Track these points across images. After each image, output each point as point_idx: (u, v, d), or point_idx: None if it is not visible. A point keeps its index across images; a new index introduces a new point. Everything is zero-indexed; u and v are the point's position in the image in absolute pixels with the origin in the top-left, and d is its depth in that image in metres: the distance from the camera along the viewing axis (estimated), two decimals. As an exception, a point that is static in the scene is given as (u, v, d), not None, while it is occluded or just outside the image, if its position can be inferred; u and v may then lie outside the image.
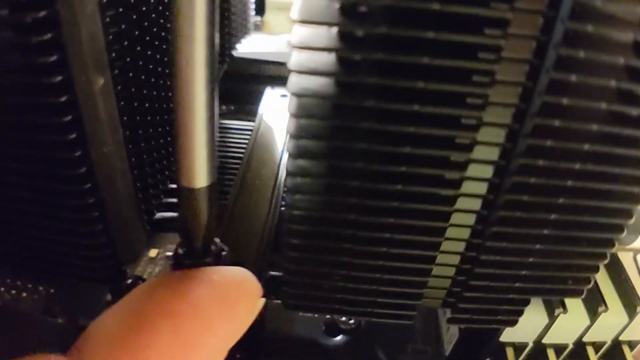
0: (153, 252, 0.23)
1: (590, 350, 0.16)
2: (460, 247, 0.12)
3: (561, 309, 0.15)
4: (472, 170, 0.11)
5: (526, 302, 0.13)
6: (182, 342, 0.09)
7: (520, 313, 0.13)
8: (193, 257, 0.11)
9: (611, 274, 0.16)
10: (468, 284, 0.12)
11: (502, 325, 0.14)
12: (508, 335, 0.15)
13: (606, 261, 0.12)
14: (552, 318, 0.15)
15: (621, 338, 0.16)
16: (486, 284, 0.12)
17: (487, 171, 0.11)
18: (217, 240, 0.12)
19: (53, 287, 0.21)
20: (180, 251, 0.11)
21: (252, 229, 0.19)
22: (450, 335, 0.19)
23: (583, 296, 0.13)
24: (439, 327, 0.21)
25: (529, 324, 0.15)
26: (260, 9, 0.31)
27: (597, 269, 0.12)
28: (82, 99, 0.10)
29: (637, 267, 0.15)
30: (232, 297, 0.11)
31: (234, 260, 0.13)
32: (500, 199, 0.11)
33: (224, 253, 0.12)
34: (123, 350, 0.09)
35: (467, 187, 0.11)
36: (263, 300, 0.12)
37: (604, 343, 0.16)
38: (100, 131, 0.11)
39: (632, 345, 0.16)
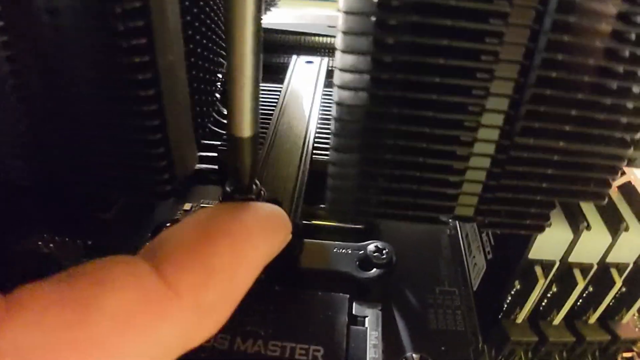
0: (187, 205, 0.25)
1: (614, 272, 0.18)
2: (491, 149, 0.14)
3: (585, 224, 0.16)
4: (499, 70, 0.13)
5: (552, 205, 0.15)
6: (236, 255, 0.12)
7: (546, 217, 0.15)
8: (240, 193, 0.14)
9: (628, 198, 0.18)
10: (498, 183, 0.14)
11: (530, 230, 0.15)
12: (535, 253, 0.17)
13: (624, 164, 0.14)
14: (577, 234, 0.16)
15: (642, 262, 0.18)
16: (515, 184, 0.14)
17: (513, 70, 0.13)
18: (257, 182, 0.15)
19: (90, 240, 0.23)
20: (228, 189, 0.14)
21: (286, 174, 0.21)
22: (478, 269, 0.21)
23: (604, 202, 0.15)
24: (465, 269, 0.23)
25: (555, 241, 0.17)
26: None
27: (616, 171, 0.14)
28: (153, 5, 0.12)
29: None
30: (271, 225, 0.14)
31: (271, 198, 0.17)
32: (526, 95, 0.13)
33: (262, 192, 0.15)
34: (192, 255, 0.12)
35: (495, 86, 0.13)
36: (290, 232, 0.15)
37: (627, 266, 0.18)
38: (168, 39, 0.13)
39: (653, 269, 0.18)
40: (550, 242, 0.17)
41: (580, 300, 0.19)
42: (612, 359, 0.20)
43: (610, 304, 0.19)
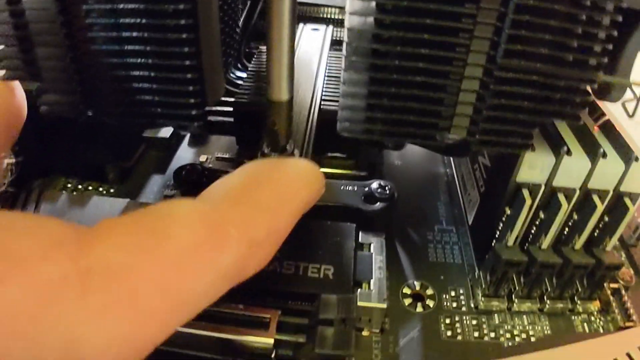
0: (203, 157, 0.29)
1: (596, 198, 0.21)
2: (479, 72, 0.18)
3: (565, 148, 0.20)
4: (485, 1, 0.16)
5: (534, 125, 0.18)
6: (280, 199, 0.16)
7: (530, 136, 0.19)
8: (277, 152, 0.18)
9: (607, 134, 0.22)
10: (486, 104, 0.18)
11: (516, 148, 0.19)
12: (522, 176, 0.21)
13: (595, 85, 0.18)
14: (559, 157, 0.20)
15: (622, 189, 0.21)
16: (500, 102, 0.18)
17: (497, 1, 0.16)
18: (291, 141, 0.19)
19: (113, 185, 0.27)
20: (265, 150, 0.18)
21: (296, 125, 0.25)
22: (472, 204, 0.24)
23: (580, 121, 0.18)
24: (461, 210, 0.26)
25: (539, 165, 0.20)
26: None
27: (587, 93, 0.18)
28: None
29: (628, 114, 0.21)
30: (308, 177, 0.17)
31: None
32: (507, 22, 0.17)
33: (296, 151, 0.18)
34: (243, 198, 0.15)
35: (481, 15, 0.17)
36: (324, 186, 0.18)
37: (607, 193, 0.21)
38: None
39: (632, 197, 0.21)
40: (534, 166, 0.20)
41: (567, 229, 0.22)
42: (600, 286, 0.23)
43: (595, 233, 0.22)
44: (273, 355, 0.19)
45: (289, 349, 0.20)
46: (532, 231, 0.22)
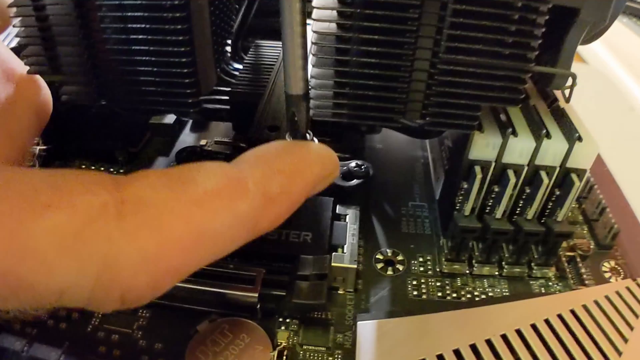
0: (203, 141, 0.34)
1: (543, 173, 0.25)
2: (426, 65, 0.22)
3: (510, 130, 0.24)
4: (427, 6, 0.21)
5: (477, 109, 0.23)
6: (296, 167, 0.19)
7: (475, 119, 0.23)
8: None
9: (556, 115, 0.26)
10: (434, 91, 0.22)
11: (465, 129, 0.23)
12: (474, 154, 0.25)
13: (528, 75, 0.22)
14: (505, 138, 0.24)
15: (568, 165, 0.25)
16: (445, 90, 0.22)
17: (437, 6, 0.21)
18: (309, 131, 0.22)
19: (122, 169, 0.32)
20: (288, 139, 0.22)
21: (284, 113, 0.29)
22: (440, 180, 0.29)
23: (518, 105, 0.23)
24: (432, 189, 0.31)
25: (488, 145, 0.24)
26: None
27: (522, 81, 0.22)
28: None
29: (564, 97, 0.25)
30: (324, 159, 0.21)
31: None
32: (446, 24, 0.21)
33: (315, 139, 0.22)
34: (262, 161, 0.19)
35: (425, 18, 0.21)
36: (338, 171, 0.21)
37: (554, 168, 0.25)
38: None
39: (579, 173, 0.25)
40: (484, 145, 0.24)
41: (521, 202, 0.26)
42: (554, 253, 0.28)
43: (548, 206, 0.27)
44: (258, 307, 0.24)
45: (271, 302, 0.25)
46: (489, 203, 0.26)
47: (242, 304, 0.24)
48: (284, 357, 0.23)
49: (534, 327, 0.23)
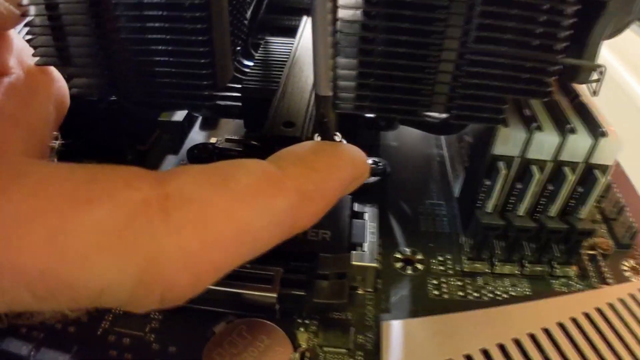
0: (213, 139, 0.33)
1: (567, 169, 0.25)
2: (453, 55, 0.21)
3: (536, 124, 0.24)
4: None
5: (504, 102, 0.22)
6: (331, 166, 0.19)
7: (501, 112, 0.22)
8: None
9: (579, 110, 0.25)
10: (460, 83, 0.21)
11: (491, 122, 0.22)
12: (498, 149, 0.24)
13: (556, 67, 0.21)
14: (530, 132, 0.24)
15: (592, 161, 0.25)
16: (473, 82, 0.21)
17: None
18: (338, 133, 0.21)
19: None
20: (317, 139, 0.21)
21: (299, 102, 0.29)
22: (459, 178, 0.28)
23: (546, 98, 0.22)
24: (450, 187, 0.30)
25: (513, 139, 0.24)
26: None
27: (551, 73, 0.21)
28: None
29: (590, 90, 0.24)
30: (357, 160, 0.20)
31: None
32: (475, 12, 0.20)
33: (343, 140, 0.21)
34: (299, 159, 0.18)
35: (454, 6, 0.20)
36: (368, 173, 0.21)
37: (578, 164, 0.25)
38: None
39: (602, 169, 0.25)
40: (508, 141, 0.24)
41: (543, 199, 0.26)
42: (575, 252, 0.27)
43: (570, 203, 0.26)
44: (277, 308, 0.23)
45: (290, 302, 0.24)
46: (511, 201, 0.26)
47: (260, 304, 0.23)
48: (305, 359, 0.22)
49: (561, 325, 0.23)
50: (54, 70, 0.22)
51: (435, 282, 0.26)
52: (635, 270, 0.29)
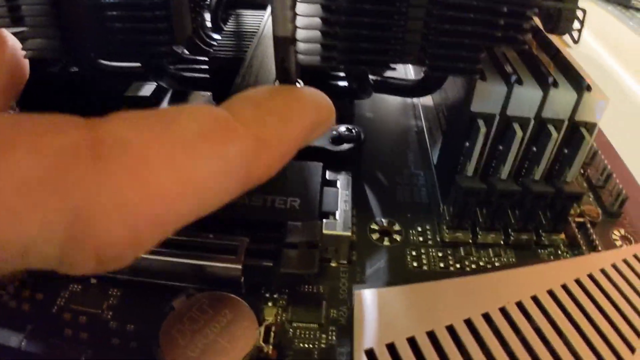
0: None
1: (551, 127, 0.23)
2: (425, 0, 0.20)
3: (515, 77, 0.22)
4: None
5: (480, 49, 0.20)
6: (288, 108, 0.17)
7: (476, 61, 0.20)
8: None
9: (560, 65, 0.24)
10: (433, 29, 0.20)
11: (465, 73, 0.21)
12: (476, 106, 0.22)
13: (534, 10, 0.20)
14: (510, 86, 0.22)
15: (577, 118, 0.23)
16: (445, 28, 0.20)
17: None
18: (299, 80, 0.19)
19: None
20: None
21: (267, 74, 0.27)
22: (437, 144, 0.26)
23: (525, 45, 0.20)
24: (429, 157, 0.29)
25: (492, 95, 0.22)
26: None
27: (526, 18, 0.20)
28: None
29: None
30: (318, 102, 0.18)
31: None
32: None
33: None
34: (253, 102, 0.16)
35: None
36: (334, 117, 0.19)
37: (562, 122, 0.23)
38: None
39: (588, 127, 0.23)
40: (487, 96, 0.22)
41: (526, 162, 0.24)
42: (563, 217, 0.25)
43: (556, 166, 0.24)
44: (242, 280, 0.21)
45: (257, 274, 0.22)
46: (493, 164, 0.24)
47: (223, 277, 0.22)
48: (272, 334, 0.20)
49: (550, 293, 0.21)
50: (7, 35, 0.20)
51: (414, 253, 0.25)
52: (627, 239, 0.27)
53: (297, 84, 0.20)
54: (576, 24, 0.22)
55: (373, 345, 0.19)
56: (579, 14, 0.22)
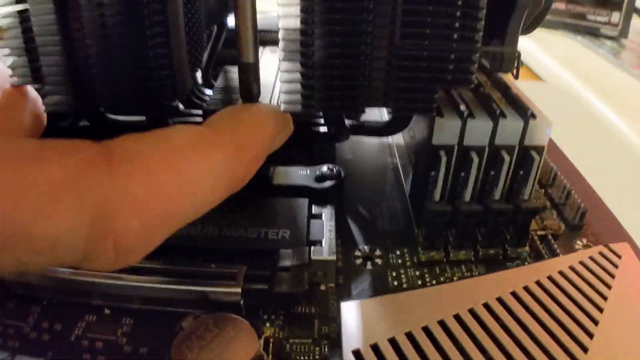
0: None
1: (504, 153, 0.27)
2: (384, 53, 0.24)
3: (467, 112, 0.26)
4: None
5: (434, 91, 0.24)
6: (255, 119, 0.22)
7: (432, 101, 0.24)
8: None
9: (508, 99, 0.28)
10: (393, 76, 0.24)
11: (423, 112, 0.25)
12: (437, 139, 0.26)
13: (476, 54, 0.24)
14: (463, 120, 0.26)
15: (526, 143, 0.27)
16: (403, 75, 0.24)
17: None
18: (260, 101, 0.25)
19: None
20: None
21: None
22: (409, 177, 0.30)
23: (472, 85, 0.24)
24: (404, 191, 0.32)
25: (449, 128, 0.26)
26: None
27: (473, 62, 0.24)
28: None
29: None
30: (277, 114, 0.23)
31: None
32: (398, 14, 0.23)
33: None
34: (227, 117, 0.21)
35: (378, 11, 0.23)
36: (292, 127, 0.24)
37: (514, 147, 0.27)
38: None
39: (537, 150, 0.27)
40: (445, 130, 0.26)
41: (487, 185, 0.28)
42: (525, 231, 0.29)
43: (514, 187, 0.28)
44: (241, 303, 0.24)
45: (255, 297, 0.25)
46: (457, 190, 0.28)
47: (225, 301, 0.25)
48: (271, 345, 0.23)
49: (514, 294, 0.24)
50: (31, 90, 0.24)
51: (394, 273, 0.28)
52: (589, 247, 0.30)
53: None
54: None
55: (359, 346, 0.22)
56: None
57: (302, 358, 0.24)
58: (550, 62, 0.61)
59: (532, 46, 0.65)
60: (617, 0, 0.65)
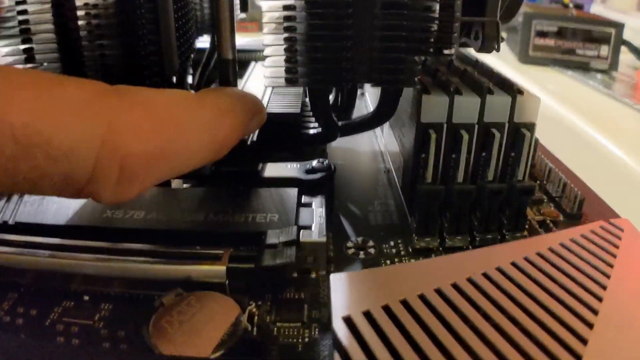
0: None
1: (494, 130, 0.27)
2: (367, 25, 0.24)
3: (454, 88, 0.26)
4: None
5: (415, 63, 0.25)
6: (235, 97, 0.23)
7: (414, 74, 0.25)
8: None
9: (493, 80, 0.28)
10: (377, 48, 0.24)
11: (406, 84, 0.25)
12: (425, 117, 0.26)
13: (457, 24, 0.24)
14: (450, 96, 0.26)
15: (516, 120, 0.27)
16: (386, 45, 0.24)
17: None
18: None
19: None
20: None
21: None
22: (400, 170, 0.30)
23: (452, 52, 0.25)
24: (398, 190, 0.32)
25: (437, 106, 0.26)
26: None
27: (453, 31, 0.24)
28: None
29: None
30: (249, 95, 0.25)
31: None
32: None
33: None
34: (211, 91, 0.23)
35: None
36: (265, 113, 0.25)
37: (503, 124, 0.27)
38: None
39: (528, 127, 0.27)
40: (433, 107, 0.26)
41: (480, 167, 0.27)
42: (522, 215, 0.28)
43: (506, 168, 0.27)
44: (226, 283, 0.23)
45: (240, 277, 0.24)
46: (449, 172, 0.27)
47: (209, 282, 0.23)
48: (255, 318, 0.22)
49: (514, 264, 0.23)
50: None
51: (388, 262, 0.27)
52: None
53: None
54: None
55: (350, 312, 0.20)
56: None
57: (290, 341, 0.22)
58: (544, 97, 0.62)
59: (524, 83, 0.67)
60: (605, 34, 0.68)
